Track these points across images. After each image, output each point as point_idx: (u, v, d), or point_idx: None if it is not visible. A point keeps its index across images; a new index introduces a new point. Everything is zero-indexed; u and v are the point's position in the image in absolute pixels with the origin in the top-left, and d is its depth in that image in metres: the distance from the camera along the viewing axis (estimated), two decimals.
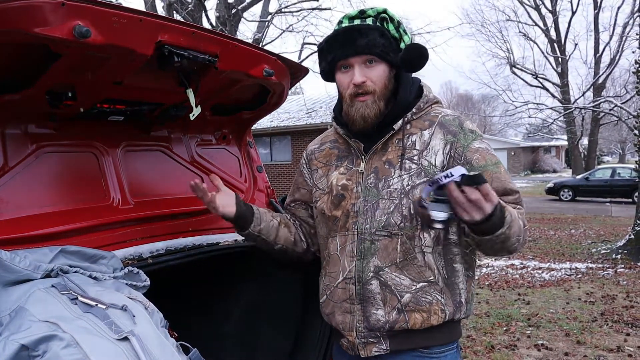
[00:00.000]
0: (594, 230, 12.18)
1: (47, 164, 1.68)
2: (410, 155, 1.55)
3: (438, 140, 1.55)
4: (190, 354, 1.41)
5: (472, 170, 1.46)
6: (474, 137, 1.55)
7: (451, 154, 1.53)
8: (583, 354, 4.43)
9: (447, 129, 1.56)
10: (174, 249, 1.86)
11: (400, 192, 1.53)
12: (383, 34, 1.52)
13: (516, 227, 1.40)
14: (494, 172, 1.52)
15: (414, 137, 1.57)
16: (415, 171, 1.53)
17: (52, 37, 1.23)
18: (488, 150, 1.55)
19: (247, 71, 1.80)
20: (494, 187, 1.39)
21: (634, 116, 14.10)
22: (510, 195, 1.53)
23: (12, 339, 1.09)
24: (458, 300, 1.56)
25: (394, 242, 1.53)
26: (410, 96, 1.60)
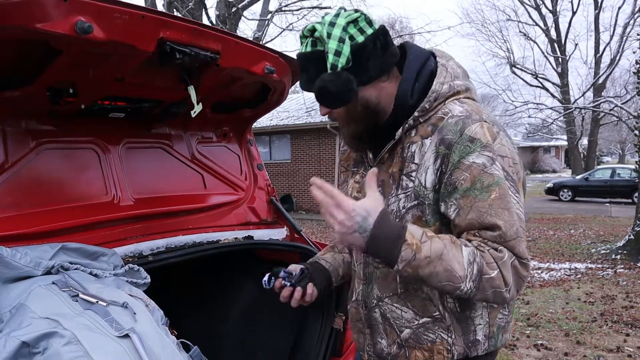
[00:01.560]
0: (593, 231, 12.17)
1: (47, 160, 1.68)
2: (408, 171, 1.31)
3: (430, 153, 1.27)
4: (191, 351, 1.40)
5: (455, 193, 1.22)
6: (473, 149, 1.22)
7: (442, 169, 1.25)
8: (582, 354, 4.42)
9: (443, 136, 1.25)
10: (175, 247, 1.86)
11: (396, 214, 1.31)
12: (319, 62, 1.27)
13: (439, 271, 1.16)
14: (477, 199, 1.20)
15: (414, 148, 1.30)
16: (411, 191, 1.29)
17: (54, 32, 1.23)
18: (485, 168, 1.20)
19: (249, 68, 1.80)
20: (469, 219, 1.21)
21: (634, 116, 14.11)
22: (489, 231, 1.20)
23: (12, 335, 1.09)
24: (472, 339, 1.35)
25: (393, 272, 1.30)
26: (413, 97, 1.32)
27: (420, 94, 1.32)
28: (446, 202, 1.25)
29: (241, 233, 2.12)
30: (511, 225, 1.20)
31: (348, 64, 1.25)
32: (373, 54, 1.28)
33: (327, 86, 1.25)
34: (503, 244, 1.20)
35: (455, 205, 1.23)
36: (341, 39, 1.24)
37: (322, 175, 16.94)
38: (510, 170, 1.24)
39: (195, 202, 2.14)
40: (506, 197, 1.21)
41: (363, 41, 1.26)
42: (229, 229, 2.12)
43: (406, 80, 1.32)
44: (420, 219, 1.28)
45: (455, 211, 1.23)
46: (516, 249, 1.20)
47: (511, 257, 1.20)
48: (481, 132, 1.23)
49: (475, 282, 1.19)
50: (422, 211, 1.28)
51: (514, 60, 28.80)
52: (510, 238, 1.20)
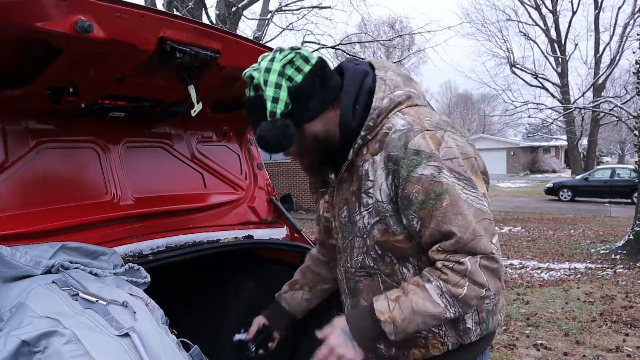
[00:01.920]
0: (593, 231, 12.17)
1: (47, 159, 1.68)
2: (366, 188, 1.34)
3: (380, 170, 1.30)
4: (191, 350, 1.40)
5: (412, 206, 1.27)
6: (418, 162, 1.25)
7: (395, 183, 1.29)
8: (582, 353, 4.42)
9: (389, 153, 1.28)
10: (175, 246, 1.86)
11: (363, 231, 1.37)
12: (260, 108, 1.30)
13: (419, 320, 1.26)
14: (433, 209, 1.24)
15: (367, 165, 1.33)
16: (372, 208, 1.34)
17: (54, 31, 1.22)
18: (433, 177, 1.24)
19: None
20: (430, 228, 1.26)
21: (633, 117, 14.12)
22: (447, 240, 1.25)
23: (12, 334, 1.09)
24: (462, 327, 1.39)
25: (376, 281, 1.40)
26: (355, 119, 1.33)
27: (362, 114, 1.34)
28: (406, 215, 1.29)
29: (241, 232, 2.12)
30: (466, 229, 1.24)
31: (287, 108, 1.28)
32: (313, 92, 1.31)
33: (265, 135, 1.29)
34: (463, 249, 1.24)
35: (417, 218, 1.28)
36: (277, 84, 1.27)
37: None
38: (462, 169, 1.27)
39: (196, 202, 2.14)
40: (458, 202, 1.24)
41: (301, 81, 1.29)
42: (229, 229, 2.12)
43: (345, 106, 1.34)
44: (387, 231, 1.33)
45: (418, 223, 1.28)
46: (477, 249, 1.24)
47: (476, 261, 1.24)
48: (424, 143, 1.26)
49: (456, 306, 1.26)
50: (387, 224, 1.33)
51: (514, 60, 28.81)
52: (467, 241, 1.24)
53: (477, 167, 1.33)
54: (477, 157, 1.35)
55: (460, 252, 1.25)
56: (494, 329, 1.46)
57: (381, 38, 19.14)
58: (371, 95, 1.35)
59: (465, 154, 1.30)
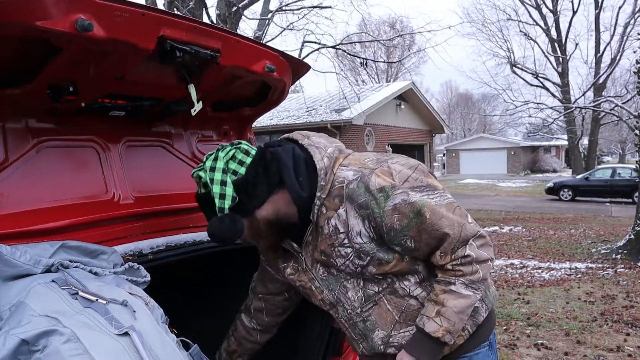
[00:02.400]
0: (593, 230, 12.17)
1: (47, 158, 1.67)
2: (339, 241, 1.44)
3: (353, 219, 1.41)
4: (191, 350, 1.40)
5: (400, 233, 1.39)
6: (386, 196, 1.37)
7: (373, 225, 1.40)
8: (583, 353, 4.42)
9: (357, 202, 1.40)
10: (175, 245, 1.86)
11: (355, 272, 1.48)
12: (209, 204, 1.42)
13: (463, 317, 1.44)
14: (419, 224, 1.38)
15: (333, 221, 1.43)
16: (355, 254, 1.44)
17: (54, 30, 1.22)
18: (406, 201, 1.37)
19: (249, 67, 1.79)
20: (424, 240, 1.41)
21: (634, 116, 14.11)
22: (444, 242, 1.41)
23: (12, 333, 1.09)
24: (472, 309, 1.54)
25: (383, 305, 1.51)
26: (305, 189, 1.43)
27: (308, 181, 1.44)
28: (397, 242, 1.42)
29: None
30: (452, 224, 1.40)
31: (234, 201, 1.39)
32: (257, 180, 1.41)
33: (214, 232, 1.41)
34: (459, 242, 1.40)
35: (409, 238, 1.41)
36: (223, 182, 1.38)
37: None
38: (418, 182, 1.41)
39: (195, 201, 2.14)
40: (435, 209, 1.39)
41: (245, 173, 1.40)
42: None
43: (291, 183, 1.43)
44: (381, 264, 1.45)
45: (412, 242, 1.41)
46: (467, 235, 1.41)
47: (473, 247, 1.42)
48: (380, 180, 1.39)
49: (480, 287, 1.45)
50: (379, 259, 1.44)
51: (514, 59, 28.80)
52: (458, 234, 1.40)
53: (425, 170, 1.47)
54: (419, 163, 1.49)
55: (458, 246, 1.41)
56: (494, 301, 1.63)
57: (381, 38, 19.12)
58: (308, 163, 1.45)
59: (412, 167, 1.44)
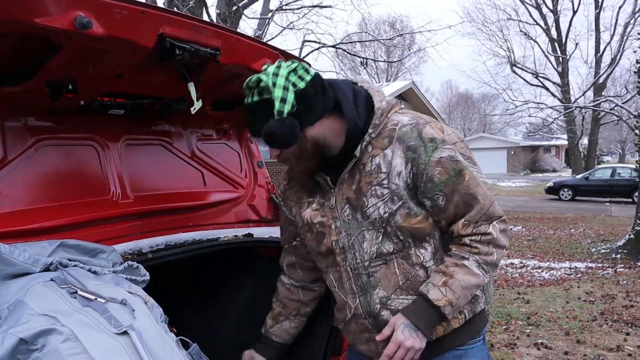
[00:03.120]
0: (593, 230, 12.17)
1: (46, 157, 1.67)
2: (379, 180, 1.45)
3: (399, 159, 1.43)
4: (190, 349, 1.40)
5: (436, 187, 1.42)
6: (435, 147, 1.42)
7: (413, 171, 1.43)
8: (583, 353, 4.42)
9: (406, 144, 1.43)
10: (174, 244, 1.85)
11: (380, 220, 1.46)
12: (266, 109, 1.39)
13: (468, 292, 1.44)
14: (455, 184, 1.42)
15: (377, 160, 1.46)
16: (389, 196, 1.44)
17: (53, 27, 1.22)
18: (452, 158, 1.42)
19: (249, 65, 1.79)
20: (454, 201, 1.43)
21: (634, 116, 14.11)
22: (473, 208, 1.44)
23: (10, 332, 1.08)
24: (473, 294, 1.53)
25: (392, 267, 1.49)
26: (361, 119, 1.47)
27: (365, 115, 1.48)
28: (430, 196, 1.44)
29: (241, 231, 2.12)
30: (485, 197, 1.44)
31: (293, 109, 1.40)
32: (315, 97, 1.43)
33: (274, 131, 1.39)
34: (485, 214, 1.44)
35: (442, 195, 1.43)
36: (285, 87, 1.39)
37: None
38: (464, 151, 1.46)
39: (195, 200, 2.14)
40: (474, 176, 1.44)
41: (305, 87, 1.41)
42: (228, 227, 2.12)
43: (349, 112, 1.46)
44: (409, 214, 1.45)
45: (443, 200, 1.43)
46: (495, 213, 1.45)
47: (496, 228, 1.45)
48: (434, 132, 1.44)
49: (490, 270, 1.47)
50: (409, 207, 1.45)
51: (514, 59, 28.79)
52: (488, 207, 1.44)
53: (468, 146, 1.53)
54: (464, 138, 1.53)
55: (482, 219, 1.44)
56: (489, 301, 1.61)
57: (382, 37, 19.12)
58: (369, 99, 1.51)
59: (460, 137, 1.50)
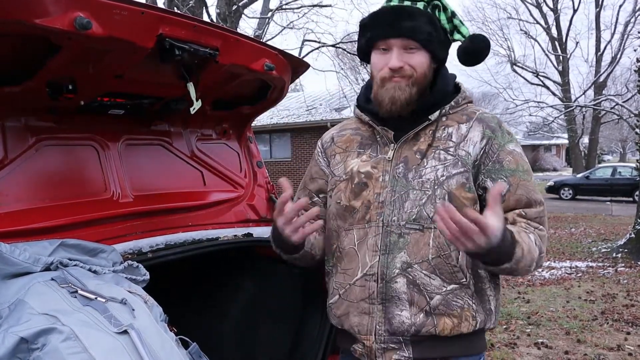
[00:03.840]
0: (594, 229, 12.16)
1: (47, 157, 1.68)
2: (445, 147, 1.46)
3: (477, 132, 1.47)
4: (190, 348, 1.40)
5: (502, 171, 1.43)
6: (510, 139, 1.48)
7: (486, 149, 1.45)
8: (583, 352, 4.42)
9: (487, 124, 1.48)
10: (174, 244, 1.85)
11: (433, 182, 1.42)
12: (432, 21, 1.43)
13: (527, 260, 1.34)
14: (522, 179, 1.44)
15: (450, 130, 1.49)
16: (452, 162, 1.43)
17: (53, 28, 1.22)
18: (522, 155, 1.48)
19: (248, 65, 1.79)
20: (517, 194, 1.42)
21: (635, 115, 14.08)
22: (533, 207, 1.44)
23: (11, 331, 1.09)
24: (488, 307, 1.46)
25: (426, 236, 1.39)
26: (449, 89, 1.53)
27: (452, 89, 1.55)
28: (494, 178, 1.43)
29: (240, 230, 2.12)
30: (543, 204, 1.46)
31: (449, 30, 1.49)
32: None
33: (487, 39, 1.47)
34: (541, 219, 1.44)
35: (505, 182, 1.42)
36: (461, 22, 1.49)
37: None
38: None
39: (195, 200, 2.14)
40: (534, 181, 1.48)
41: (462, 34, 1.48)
42: (228, 226, 2.12)
43: (445, 75, 1.54)
44: (464, 185, 1.42)
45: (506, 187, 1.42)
46: (544, 224, 1.45)
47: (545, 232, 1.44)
48: (509, 129, 1.52)
49: (536, 260, 1.38)
50: (467, 178, 1.43)
51: (514, 58, 28.76)
52: (545, 214, 1.46)
53: None
54: None
55: (536, 221, 1.43)
56: (494, 326, 1.52)
57: None
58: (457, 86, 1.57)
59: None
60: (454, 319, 1.39)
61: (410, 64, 1.43)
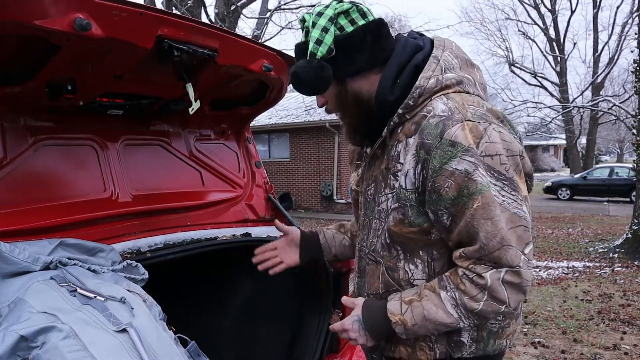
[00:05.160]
0: (591, 229, 12.19)
1: (46, 157, 1.69)
2: (395, 170, 1.27)
3: (411, 154, 1.22)
4: (188, 347, 1.41)
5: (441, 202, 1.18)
6: (453, 154, 1.15)
7: (423, 174, 1.20)
8: (580, 351, 4.44)
9: (423, 140, 1.19)
10: (172, 243, 1.86)
11: (385, 213, 1.31)
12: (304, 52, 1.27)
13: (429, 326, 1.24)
14: (465, 206, 1.16)
15: (400, 147, 1.27)
16: (396, 192, 1.27)
17: (52, 29, 1.23)
18: (467, 174, 1.14)
19: (247, 66, 1.80)
20: (460, 227, 1.19)
21: (632, 115, 14.13)
22: (471, 245, 1.18)
23: (11, 330, 1.09)
24: (456, 339, 1.31)
25: (378, 270, 1.37)
26: (393, 93, 1.26)
27: (403, 90, 1.26)
28: (434, 210, 1.22)
29: (239, 230, 2.13)
30: (493, 236, 1.15)
31: (330, 53, 1.24)
32: (361, 46, 1.26)
33: (298, 72, 1.25)
34: (487, 257, 1.17)
35: (447, 214, 1.20)
36: (325, 28, 1.23)
37: (320, 173, 16.94)
38: (503, 167, 1.17)
39: (194, 199, 2.15)
40: (490, 205, 1.15)
41: (351, 32, 1.24)
42: (227, 226, 2.13)
43: (385, 76, 1.27)
44: (402, 222, 1.26)
45: (448, 219, 1.20)
46: (503, 260, 1.16)
47: (498, 276, 1.17)
48: (462, 134, 1.16)
49: (471, 318, 1.22)
50: (404, 214, 1.26)
51: (512, 59, 28.82)
52: (493, 249, 1.15)
53: (522, 167, 1.23)
54: (523, 155, 1.24)
55: (484, 260, 1.18)
56: (492, 353, 1.35)
57: None
58: (417, 73, 1.26)
59: (511, 151, 1.19)
60: (407, 348, 1.36)
61: (326, 99, 1.37)
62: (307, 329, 2.20)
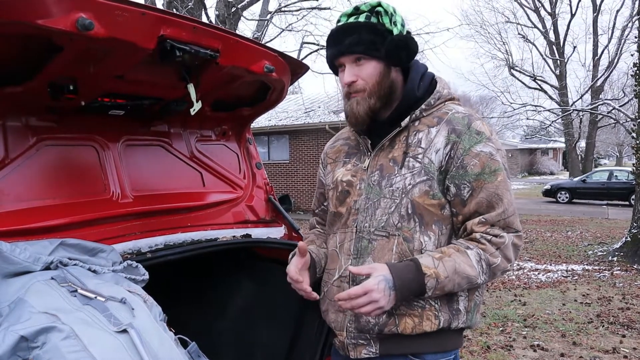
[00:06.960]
0: (590, 233, 12.20)
1: (47, 156, 1.69)
2: (415, 154, 1.48)
3: (441, 137, 1.47)
4: (189, 347, 1.41)
5: (466, 176, 1.44)
6: (479, 140, 1.45)
7: (451, 154, 1.45)
8: (579, 355, 4.43)
9: (453, 127, 1.47)
10: (173, 244, 1.86)
11: (401, 191, 1.47)
12: (373, 29, 1.46)
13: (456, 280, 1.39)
14: (486, 181, 1.43)
15: (421, 135, 1.50)
16: (417, 170, 1.47)
17: (56, 29, 1.23)
18: (491, 156, 1.44)
19: (248, 67, 1.80)
20: (479, 198, 1.43)
21: (631, 119, 14.15)
22: (493, 210, 1.43)
23: (11, 330, 1.09)
24: (455, 307, 1.49)
25: (391, 242, 1.48)
26: (419, 91, 1.53)
27: (424, 92, 1.54)
28: (457, 184, 1.45)
29: (239, 231, 2.13)
30: (510, 204, 1.45)
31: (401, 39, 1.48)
32: (412, 45, 1.49)
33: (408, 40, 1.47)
34: (504, 221, 1.43)
35: (469, 187, 1.44)
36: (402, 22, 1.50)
37: None
38: (504, 161, 1.48)
39: (194, 200, 2.15)
40: (506, 181, 1.46)
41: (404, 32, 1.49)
42: (227, 227, 2.13)
43: (413, 77, 1.53)
44: (427, 193, 1.46)
45: (468, 192, 1.44)
46: (514, 224, 1.45)
47: (510, 237, 1.44)
48: (484, 127, 1.48)
49: (487, 274, 1.43)
50: (430, 186, 1.46)
51: (512, 62, 28.85)
52: (510, 214, 1.44)
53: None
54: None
55: (500, 225, 1.43)
56: (471, 325, 1.55)
57: None
58: (433, 82, 1.57)
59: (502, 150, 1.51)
60: (415, 318, 1.46)
61: (362, 77, 1.49)
62: (307, 330, 2.20)
